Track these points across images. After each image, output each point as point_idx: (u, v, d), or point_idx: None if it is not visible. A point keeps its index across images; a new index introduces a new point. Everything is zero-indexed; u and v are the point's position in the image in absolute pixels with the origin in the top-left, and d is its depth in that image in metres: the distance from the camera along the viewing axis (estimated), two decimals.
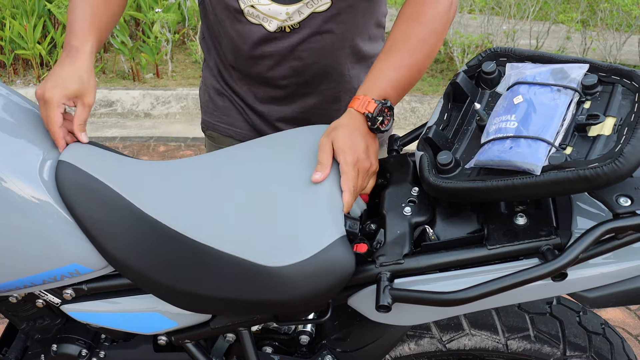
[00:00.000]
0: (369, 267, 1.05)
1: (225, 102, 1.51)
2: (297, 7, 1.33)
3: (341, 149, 1.13)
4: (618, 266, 1.02)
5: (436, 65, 4.78)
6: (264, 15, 1.34)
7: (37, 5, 4.67)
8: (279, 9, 1.33)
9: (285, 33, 1.36)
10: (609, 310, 2.45)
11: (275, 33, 1.36)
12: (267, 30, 1.36)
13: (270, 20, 1.35)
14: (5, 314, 1.27)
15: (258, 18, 1.35)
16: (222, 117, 1.53)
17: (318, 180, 1.10)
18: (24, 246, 1.10)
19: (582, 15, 4.50)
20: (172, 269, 1.08)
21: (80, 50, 1.26)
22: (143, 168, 1.21)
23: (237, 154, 1.22)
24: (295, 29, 1.36)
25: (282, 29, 1.36)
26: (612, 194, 0.96)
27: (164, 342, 1.21)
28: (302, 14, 1.34)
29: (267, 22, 1.35)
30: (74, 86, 1.22)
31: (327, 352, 1.24)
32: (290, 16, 1.34)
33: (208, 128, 1.57)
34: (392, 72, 1.22)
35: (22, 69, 4.80)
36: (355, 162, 1.13)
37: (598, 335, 1.26)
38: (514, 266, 1.01)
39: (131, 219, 1.11)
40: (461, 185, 1.00)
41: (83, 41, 1.27)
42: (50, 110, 1.19)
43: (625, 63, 4.64)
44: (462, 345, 1.25)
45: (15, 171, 1.10)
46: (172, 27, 4.68)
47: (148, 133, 4.12)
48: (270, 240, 1.05)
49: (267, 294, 1.03)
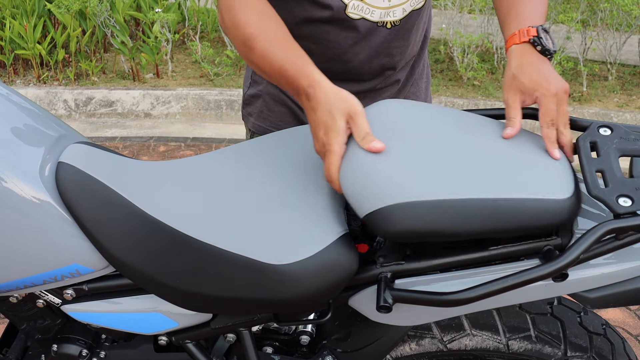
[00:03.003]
0: (369, 268, 1.05)
1: (282, 108, 1.53)
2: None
3: (532, 87, 1.10)
4: (619, 267, 1.02)
5: (436, 65, 4.78)
6: (367, 5, 1.35)
7: (37, 5, 4.67)
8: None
9: (386, 29, 1.38)
10: (609, 311, 2.45)
11: (378, 26, 1.37)
12: (371, 20, 1.36)
13: (373, 10, 1.36)
14: (5, 314, 1.27)
15: (361, 11, 1.35)
16: (279, 124, 1.53)
17: (510, 135, 1.07)
18: (25, 246, 1.10)
19: (582, 15, 4.50)
20: (174, 269, 1.08)
21: (316, 82, 1.09)
22: (143, 168, 1.21)
23: (238, 153, 1.22)
24: (396, 25, 1.39)
25: (384, 23, 1.37)
26: (613, 195, 0.96)
27: (165, 342, 1.21)
28: (405, 11, 1.38)
29: (369, 13, 1.35)
30: (344, 113, 1.06)
31: (327, 352, 1.24)
32: (392, 8, 1.36)
33: (259, 132, 1.57)
34: (533, 6, 1.24)
35: (22, 69, 4.80)
36: (554, 93, 1.09)
37: (599, 336, 1.26)
38: (514, 267, 1.01)
39: (132, 219, 1.11)
40: None
41: (309, 75, 1.11)
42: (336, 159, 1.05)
43: (625, 63, 4.64)
44: (463, 346, 1.25)
45: (16, 171, 1.10)
46: (172, 27, 4.68)
47: (148, 133, 4.12)
48: (274, 238, 1.04)
49: (271, 292, 1.03)
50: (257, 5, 1.22)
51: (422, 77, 1.61)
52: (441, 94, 4.36)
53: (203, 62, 4.69)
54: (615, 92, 4.36)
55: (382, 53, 1.42)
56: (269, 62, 1.16)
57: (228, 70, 4.70)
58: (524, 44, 1.16)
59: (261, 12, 1.21)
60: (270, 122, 1.55)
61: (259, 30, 1.18)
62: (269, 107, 1.54)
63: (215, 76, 4.67)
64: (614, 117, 4.04)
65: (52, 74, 4.72)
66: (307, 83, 1.09)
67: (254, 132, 1.59)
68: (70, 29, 4.59)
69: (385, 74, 1.47)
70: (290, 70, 1.12)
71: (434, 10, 5.08)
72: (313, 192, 1.09)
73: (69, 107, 4.43)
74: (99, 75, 4.77)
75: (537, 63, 1.13)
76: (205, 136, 4.06)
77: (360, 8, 1.34)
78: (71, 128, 1.28)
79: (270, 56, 1.16)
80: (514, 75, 1.13)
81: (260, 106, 1.56)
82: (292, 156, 1.17)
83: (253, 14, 1.21)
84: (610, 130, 1.07)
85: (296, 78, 1.11)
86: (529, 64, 1.14)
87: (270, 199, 1.10)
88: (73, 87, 4.55)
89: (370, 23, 1.37)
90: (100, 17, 4.58)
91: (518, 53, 1.16)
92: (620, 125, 1.08)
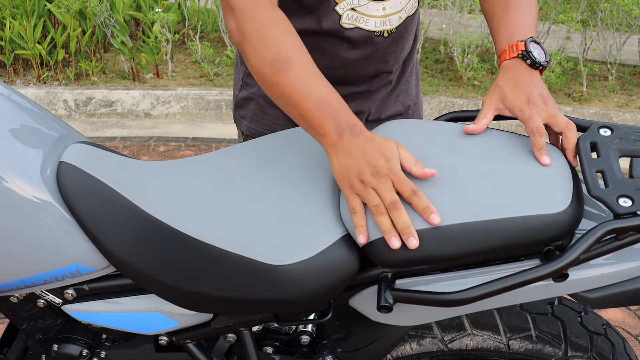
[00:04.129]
0: (370, 268, 1.05)
1: (276, 111, 1.49)
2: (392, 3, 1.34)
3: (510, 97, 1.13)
4: (619, 267, 1.02)
5: (436, 65, 4.78)
6: (361, 15, 1.33)
7: (37, 5, 4.67)
8: (376, 5, 1.33)
9: (383, 37, 1.38)
10: (609, 311, 2.45)
11: (376, 35, 1.36)
12: (365, 29, 1.35)
13: (368, 19, 1.34)
14: (6, 313, 1.27)
15: (355, 21, 1.34)
16: (272, 126, 1.51)
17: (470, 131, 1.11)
18: (25, 246, 1.10)
19: (582, 15, 4.50)
20: (175, 269, 1.08)
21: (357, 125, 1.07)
22: (144, 168, 1.21)
23: (239, 154, 1.22)
24: (392, 33, 1.38)
25: (381, 32, 1.37)
26: (613, 195, 0.96)
27: (165, 342, 1.22)
28: (401, 19, 1.38)
29: (363, 22, 1.34)
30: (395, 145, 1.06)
31: (327, 352, 1.24)
32: (388, 17, 1.35)
33: (253, 135, 1.56)
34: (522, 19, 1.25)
35: (22, 69, 4.80)
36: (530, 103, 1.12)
37: (599, 336, 1.26)
38: (515, 267, 1.01)
39: (133, 219, 1.11)
40: None
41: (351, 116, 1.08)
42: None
43: (625, 63, 4.64)
44: (464, 345, 1.25)
45: (17, 171, 1.10)
46: (172, 27, 4.68)
47: (148, 133, 4.12)
48: (274, 239, 1.04)
49: (272, 292, 1.03)
50: (285, 24, 1.14)
51: (412, 75, 1.61)
52: (441, 94, 4.36)
53: (203, 62, 4.69)
54: (615, 92, 4.36)
55: (377, 59, 1.42)
56: (305, 91, 1.08)
57: (228, 70, 4.70)
58: (514, 59, 1.18)
59: (293, 35, 1.14)
60: (265, 125, 1.53)
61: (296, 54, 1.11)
62: (262, 110, 1.52)
63: (215, 76, 4.67)
64: (614, 117, 4.04)
65: (52, 74, 4.72)
66: (352, 121, 1.06)
67: (248, 135, 1.58)
68: (70, 29, 4.59)
69: (380, 77, 1.48)
70: (334, 104, 1.07)
71: (434, 10, 5.08)
72: (314, 193, 1.09)
73: (69, 107, 4.43)
74: (99, 75, 4.77)
75: (523, 77, 1.16)
76: (205, 136, 4.06)
77: (354, 18, 1.33)
78: (72, 128, 1.28)
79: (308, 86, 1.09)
80: (498, 84, 1.17)
81: (254, 109, 1.54)
82: (292, 157, 1.17)
83: (284, 33, 1.13)
84: (610, 131, 1.07)
85: (341, 114, 1.06)
86: (515, 78, 1.16)
87: (271, 199, 1.10)
88: (73, 87, 4.55)
89: (365, 32, 1.36)
90: (100, 17, 4.58)
91: (508, 67, 1.18)
92: (620, 126, 1.08)
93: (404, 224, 0.99)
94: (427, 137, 1.12)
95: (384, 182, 1.01)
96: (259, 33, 1.13)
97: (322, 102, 1.07)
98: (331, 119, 1.06)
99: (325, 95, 1.08)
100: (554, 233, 0.98)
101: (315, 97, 1.07)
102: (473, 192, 1.01)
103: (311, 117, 1.08)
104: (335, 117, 1.06)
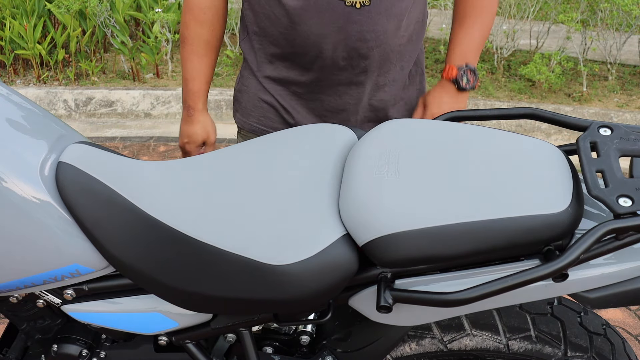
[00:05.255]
0: (370, 268, 1.05)
1: (264, 105, 1.56)
2: None
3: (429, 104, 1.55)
4: (619, 267, 1.02)
5: (436, 65, 4.78)
6: None
7: (37, 5, 4.67)
8: None
9: (355, 9, 1.38)
10: (609, 311, 2.45)
11: (345, 5, 1.38)
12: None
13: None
14: (5, 314, 1.27)
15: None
16: (260, 119, 1.58)
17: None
18: (25, 246, 1.10)
19: (582, 15, 4.50)
20: (174, 269, 1.08)
21: (195, 109, 1.62)
22: (143, 168, 1.21)
23: (238, 154, 1.22)
24: (366, 6, 1.38)
25: (352, 3, 1.37)
26: (613, 195, 0.96)
27: (165, 342, 1.21)
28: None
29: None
30: (200, 138, 1.65)
31: (327, 352, 1.24)
32: None
33: (244, 128, 1.62)
34: (469, 40, 1.53)
35: (22, 69, 4.80)
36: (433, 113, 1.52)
37: (599, 336, 1.26)
38: (515, 267, 1.00)
39: (132, 219, 1.10)
40: None
41: (196, 101, 1.61)
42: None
43: (625, 63, 4.64)
44: (464, 346, 1.25)
45: (16, 171, 1.10)
46: (172, 27, 4.68)
47: (148, 133, 4.12)
48: (274, 239, 1.04)
49: (271, 292, 1.03)
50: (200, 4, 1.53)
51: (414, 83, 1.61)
52: None
53: None
54: (615, 92, 4.36)
55: (352, 36, 1.41)
56: (184, 67, 1.60)
57: (228, 70, 4.70)
58: (446, 80, 1.54)
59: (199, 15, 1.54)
60: (254, 119, 1.58)
61: (192, 34, 1.56)
62: (252, 103, 1.58)
63: (215, 76, 4.67)
64: (614, 117, 4.04)
65: (52, 74, 4.72)
66: (193, 105, 1.62)
67: (240, 127, 1.64)
68: (70, 29, 4.59)
69: (358, 63, 1.45)
70: (188, 85, 1.61)
71: (434, 10, 5.08)
72: (313, 193, 1.09)
73: (69, 107, 4.43)
74: (99, 75, 4.77)
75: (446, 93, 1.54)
76: None
77: None
78: (71, 128, 1.28)
79: (187, 63, 1.59)
80: (429, 91, 1.58)
81: (245, 102, 1.60)
82: (292, 157, 1.17)
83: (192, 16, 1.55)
84: (610, 131, 1.07)
85: (188, 95, 1.62)
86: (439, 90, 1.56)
87: (270, 199, 1.10)
88: (73, 87, 4.55)
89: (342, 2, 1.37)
90: (100, 17, 4.58)
91: (442, 82, 1.56)
92: (620, 126, 1.08)
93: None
94: (427, 137, 1.12)
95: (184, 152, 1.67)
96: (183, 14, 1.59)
97: (185, 80, 1.61)
98: (184, 94, 1.63)
99: (188, 77, 1.60)
100: (553, 233, 0.97)
101: (185, 76, 1.61)
102: (473, 192, 1.01)
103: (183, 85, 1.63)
104: (185, 96, 1.63)
